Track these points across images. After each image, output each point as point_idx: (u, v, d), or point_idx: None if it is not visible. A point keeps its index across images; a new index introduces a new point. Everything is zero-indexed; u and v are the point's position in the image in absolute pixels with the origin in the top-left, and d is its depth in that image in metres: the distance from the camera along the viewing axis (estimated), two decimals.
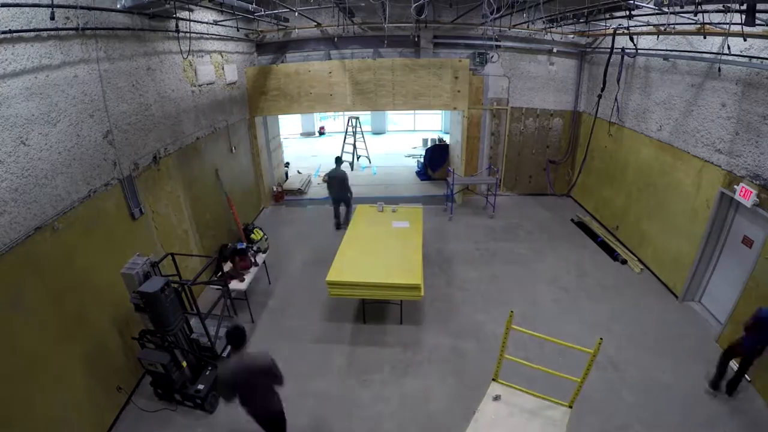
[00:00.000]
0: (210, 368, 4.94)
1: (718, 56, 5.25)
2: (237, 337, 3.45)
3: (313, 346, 5.73)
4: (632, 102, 7.75)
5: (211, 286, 5.88)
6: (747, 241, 5.39)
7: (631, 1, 5.25)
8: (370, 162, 13.54)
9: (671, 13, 4.74)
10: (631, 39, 7.06)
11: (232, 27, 7.74)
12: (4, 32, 3.26)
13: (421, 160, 12.64)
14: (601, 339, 3.28)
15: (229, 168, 8.20)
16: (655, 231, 7.09)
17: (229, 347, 4.94)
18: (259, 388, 3.56)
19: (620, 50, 7.52)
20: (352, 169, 12.79)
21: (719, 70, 5.37)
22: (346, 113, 14.33)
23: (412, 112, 17.90)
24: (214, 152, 7.45)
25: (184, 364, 4.63)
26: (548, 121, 10.23)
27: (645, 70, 7.27)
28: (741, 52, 4.95)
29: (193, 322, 5.02)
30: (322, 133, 17.66)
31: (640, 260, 7.50)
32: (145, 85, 5.30)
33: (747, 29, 4.22)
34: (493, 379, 3.97)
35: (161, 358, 4.39)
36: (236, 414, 4.64)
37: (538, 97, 10.00)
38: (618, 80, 7.89)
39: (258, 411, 3.66)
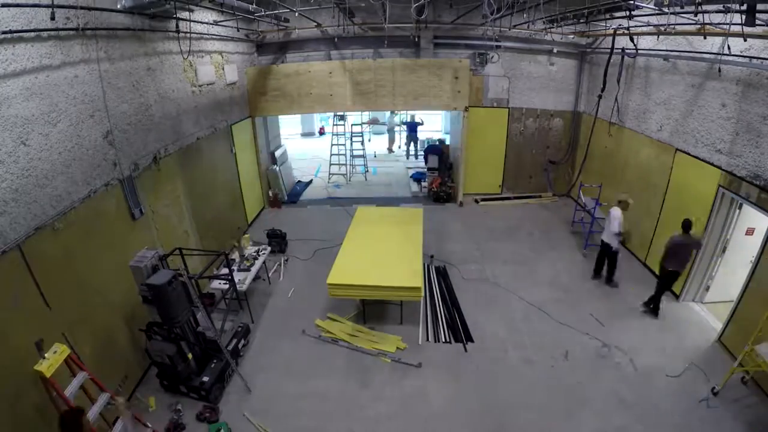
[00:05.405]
0: (215, 361, 4.98)
1: (718, 56, 5.25)
2: None
3: (313, 345, 5.74)
4: (632, 102, 7.74)
5: (217, 280, 5.91)
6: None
7: (631, 2, 5.25)
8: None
9: (671, 13, 4.75)
10: (631, 39, 7.06)
11: (232, 27, 7.73)
12: (4, 32, 3.26)
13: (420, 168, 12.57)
14: None
15: (229, 168, 8.20)
16: (655, 231, 7.08)
17: None
18: None
19: (620, 50, 7.51)
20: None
21: (719, 70, 5.36)
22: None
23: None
24: (214, 152, 7.45)
25: (190, 356, 4.69)
26: (548, 121, 10.23)
27: (645, 70, 7.27)
28: (741, 52, 4.95)
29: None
30: (322, 133, 17.67)
31: (640, 260, 7.49)
32: (145, 85, 5.30)
33: (747, 29, 4.21)
34: None
35: (168, 349, 4.48)
36: (238, 405, 4.70)
37: (539, 97, 9.99)
38: (618, 80, 7.88)
39: None
